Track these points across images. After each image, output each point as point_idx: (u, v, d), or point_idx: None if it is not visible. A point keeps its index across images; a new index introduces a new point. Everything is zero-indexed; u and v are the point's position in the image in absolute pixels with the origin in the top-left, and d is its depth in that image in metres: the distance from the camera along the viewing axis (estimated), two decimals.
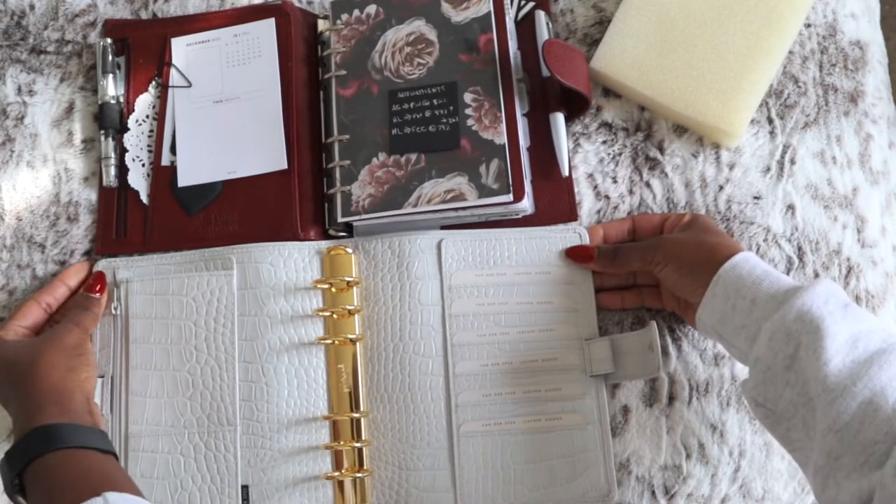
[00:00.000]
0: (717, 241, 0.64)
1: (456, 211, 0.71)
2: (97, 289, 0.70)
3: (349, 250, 0.71)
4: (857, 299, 0.70)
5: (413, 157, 0.72)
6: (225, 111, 0.76)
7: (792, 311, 0.54)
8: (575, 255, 0.70)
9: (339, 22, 0.77)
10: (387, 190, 0.71)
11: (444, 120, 0.72)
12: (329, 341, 0.69)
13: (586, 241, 0.71)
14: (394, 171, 0.72)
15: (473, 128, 0.72)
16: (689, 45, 0.73)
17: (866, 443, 0.49)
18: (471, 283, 0.70)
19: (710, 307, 0.60)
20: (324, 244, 0.72)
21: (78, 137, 0.78)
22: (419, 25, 0.75)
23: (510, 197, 0.69)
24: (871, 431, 0.49)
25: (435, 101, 0.73)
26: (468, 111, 0.72)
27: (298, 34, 0.77)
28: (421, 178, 0.71)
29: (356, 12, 0.77)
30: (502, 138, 0.71)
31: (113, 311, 0.71)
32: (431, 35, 0.75)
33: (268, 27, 0.77)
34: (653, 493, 0.67)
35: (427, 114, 0.73)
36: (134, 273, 0.71)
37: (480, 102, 0.72)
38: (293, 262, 0.71)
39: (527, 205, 0.71)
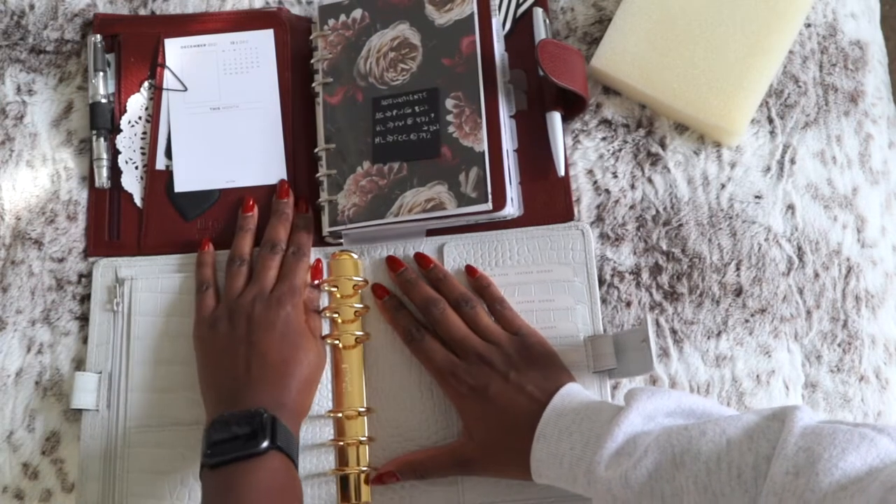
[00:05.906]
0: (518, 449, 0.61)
1: (438, 219, 0.70)
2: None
3: (355, 256, 0.72)
4: (857, 299, 0.70)
5: (395, 165, 0.71)
6: (223, 119, 0.76)
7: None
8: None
9: (326, 27, 0.76)
10: (370, 199, 0.71)
11: (426, 127, 0.71)
12: (335, 341, 0.69)
13: (589, 238, 0.71)
14: (377, 180, 0.71)
15: (454, 135, 0.71)
16: (690, 43, 0.73)
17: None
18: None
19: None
20: (329, 249, 0.72)
21: (77, 137, 0.77)
22: (403, 29, 0.74)
23: (489, 206, 0.68)
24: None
25: (417, 108, 0.72)
26: (449, 118, 0.71)
27: (297, 43, 0.77)
28: (403, 187, 0.70)
29: (343, 17, 0.76)
30: (482, 145, 0.70)
31: (115, 308, 0.71)
32: (415, 39, 0.74)
33: (266, 38, 0.77)
34: None
35: (409, 121, 0.72)
36: (137, 272, 0.72)
37: (461, 108, 0.71)
38: None
39: (510, 211, 0.70)
